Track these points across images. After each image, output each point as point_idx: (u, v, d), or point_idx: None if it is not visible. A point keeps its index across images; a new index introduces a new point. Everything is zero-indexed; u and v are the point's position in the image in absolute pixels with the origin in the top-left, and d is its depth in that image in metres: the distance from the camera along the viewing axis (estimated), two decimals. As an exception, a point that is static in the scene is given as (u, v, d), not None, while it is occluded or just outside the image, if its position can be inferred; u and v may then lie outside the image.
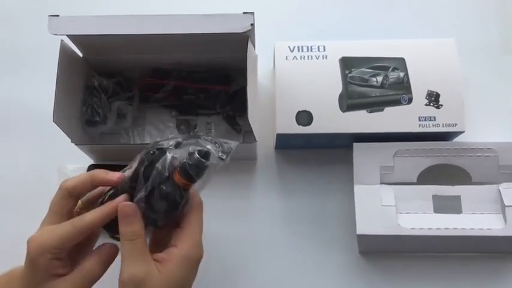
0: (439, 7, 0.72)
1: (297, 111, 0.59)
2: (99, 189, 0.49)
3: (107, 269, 0.48)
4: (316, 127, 0.59)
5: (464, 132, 0.59)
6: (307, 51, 0.62)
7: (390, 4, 0.73)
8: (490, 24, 0.71)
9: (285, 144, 0.63)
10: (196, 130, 0.65)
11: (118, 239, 0.46)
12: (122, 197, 0.45)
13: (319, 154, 0.64)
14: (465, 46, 0.62)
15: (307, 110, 0.59)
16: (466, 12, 0.72)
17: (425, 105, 0.59)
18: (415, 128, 0.59)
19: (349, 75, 0.60)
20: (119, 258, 0.46)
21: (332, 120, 0.59)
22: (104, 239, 0.49)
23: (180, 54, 0.62)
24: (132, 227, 0.44)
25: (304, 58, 0.61)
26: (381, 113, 0.59)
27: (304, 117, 0.59)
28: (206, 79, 0.65)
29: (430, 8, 0.72)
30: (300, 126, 0.59)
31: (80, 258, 0.47)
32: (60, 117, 0.55)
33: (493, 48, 0.70)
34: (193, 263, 0.45)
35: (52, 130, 0.58)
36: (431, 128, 0.59)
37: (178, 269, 0.44)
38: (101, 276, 0.47)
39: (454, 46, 0.61)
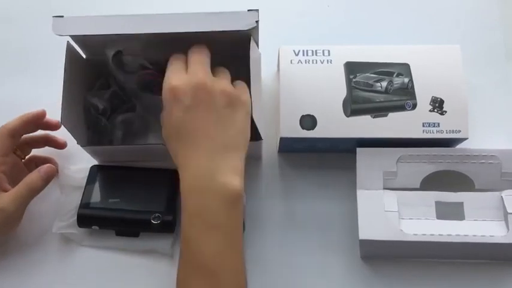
0: (444, 13, 0.72)
1: (301, 115, 0.59)
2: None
3: (47, 185, 0.59)
4: (320, 131, 0.59)
5: (467, 139, 0.59)
6: (312, 55, 0.61)
7: (395, 10, 0.72)
8: (495, 32, 0.71)
9: (289, 148, 0.63)
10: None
11: None
12: None
13: (322, 158, 0.64)
14: (469, 53, 0.62)
15: (311, 114, 0.59)
16: (471, 19, 0.72)
17: (430, 111, 0.59)
18: (418, 134, 0.59)
19: (354, 80, 0.60)
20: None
21: (336, 124, 0.59)
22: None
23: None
24: None
25: (308, 62, 0.61)
26: (384, 118, 0.59)
27: (308, 122, 0.59)
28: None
29: (435, 15, 0.72)
30: (304, 130, 0.59)
31: (22, 177, 0.58)
32: (66, 119, 0.54)
33: (497, 55, 0.70)
34: None
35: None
36: (435, 134, 0.59)
37: None
38: (41, 190, 0.59)
39: (459, 52, 0.61)
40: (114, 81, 0.63)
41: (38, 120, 0.61)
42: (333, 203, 0.63)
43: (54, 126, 0.62)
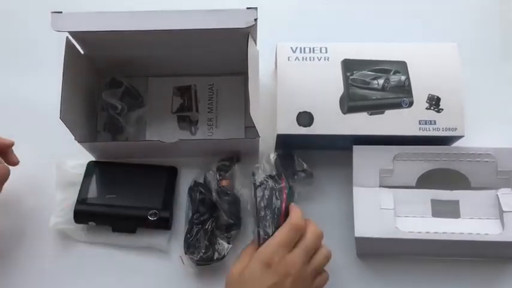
0: (441, 12, 0.72)
1: (298, 112, 0.59)
2: None
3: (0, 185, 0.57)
4: (316, 128, 0.59)
5: (463, 136, 0.59)
6: (310, 52, 0.62)
7: (392, 8, 0.73)
8: (492, 31, 0.71)
9: (286, 144, 0.63)
10: (197, 126, 0.66)
11: None
12: None
13: (319, 156, 0.64)
14: (466, 52, 0.62)
15: (308, 111, 0.59)
16: (468, 18, 0.72)
17: (426, 109, 0.60)
18: (415, 131, 0.59)
19: (351, 77, 0.60)
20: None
21: (333, 121, 0.59)
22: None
23: (182, 50, 0.62)
24: None
25: (306, 59, 0.61)
26: (381, 115, 0.59)
27: (305, 118, 0.59)
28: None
29: (432, 13, 0.72)
30: (301, 127, 0.59)
31: None
32: (65, 115, 0.55)
33: (493, 54, 0.70)
34: None
35: (51, 126, 0.58)
36: (431, 132, 0.59)
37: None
38: None
39: (456, 51, 0.61)
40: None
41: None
42: (329, 201, 0.63)
43: (13, 163, 0.61)
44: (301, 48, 0.62)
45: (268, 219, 0.56)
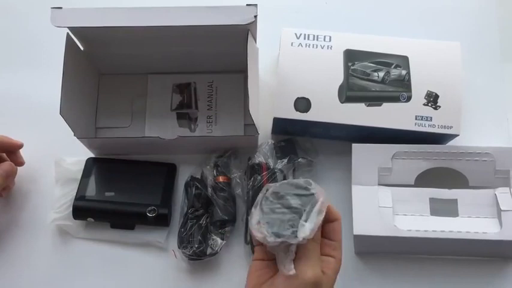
0: (441, 11, 0.72)
1: (296, 97, 0.60)
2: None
3: (5, 182, 0.59)
4: (313, 115, 0.59)
5: (458, 135, 0.59)
6: (313, 39, 0.62)
7: (392, 8, 0.73)
8: (491, 32, 0.71)
9: (282, 129, 0.63)
10: (197, 124, 0.66)
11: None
12: None
13: (320, 144, 0.64)
14: (466, 51, 0.62)
15: (306, 97, 0.60)
16: (469, 18, 0.72)
17: (424, 104, 0.60)
18: (410, 126, 0.59)
19: (352, 67, 0.61)
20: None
21: (330, 109, 0.59)
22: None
23: (181, 47, 0.62)
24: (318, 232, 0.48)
25: (309, 46, 0.61)
26: (378, 108, 0.60)
27: (303, 104, 0.59)
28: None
29: (432, 12, 0.72)
30: (298, 112, 0.59)
31: None
32: (64, 110, 0.55)
33: (492, 55, 0.70)
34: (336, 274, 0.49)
35: (51, 122, 0.58)
36: (426, 128, 0.59)
37: (334, 277, 0.48)
38: (2, 186, 0.58)
39: (459, 50, 0.61)
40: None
41: (9, 148, 0.61)
42: (328, 189, 0.62)
43: (19, 163, 0.62)
44: (305, 35, 0.62)
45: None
